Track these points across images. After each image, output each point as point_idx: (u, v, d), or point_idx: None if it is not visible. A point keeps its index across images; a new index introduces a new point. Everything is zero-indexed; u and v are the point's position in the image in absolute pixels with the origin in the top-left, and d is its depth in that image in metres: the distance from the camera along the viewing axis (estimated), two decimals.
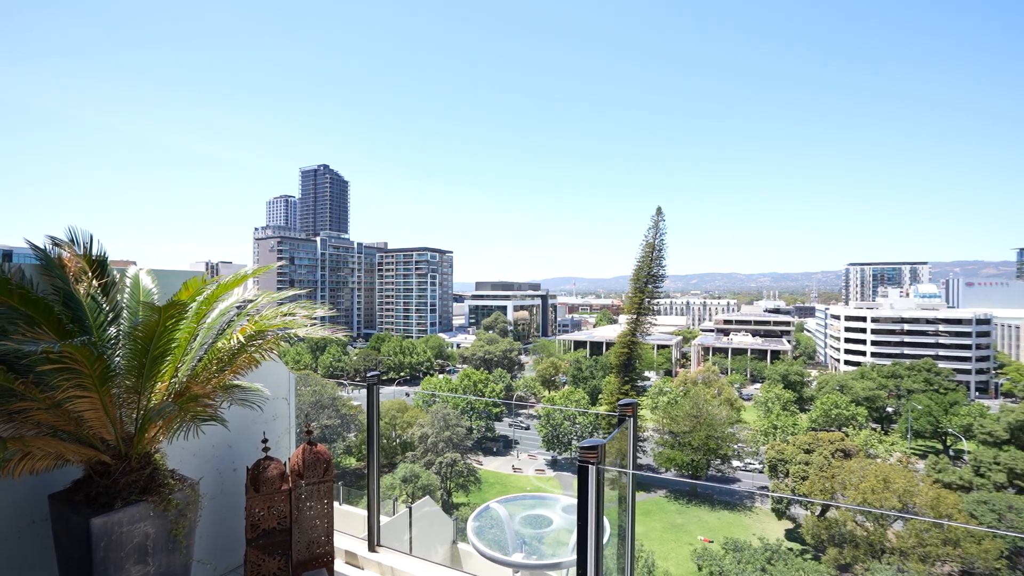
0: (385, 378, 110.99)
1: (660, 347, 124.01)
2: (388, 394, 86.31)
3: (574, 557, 2.79)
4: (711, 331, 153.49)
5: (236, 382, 3.39)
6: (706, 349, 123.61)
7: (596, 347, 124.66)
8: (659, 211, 59.07)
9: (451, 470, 49.02)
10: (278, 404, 4.67)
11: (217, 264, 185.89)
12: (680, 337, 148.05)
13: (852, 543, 35.03)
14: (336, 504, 5.62)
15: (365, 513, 5.16)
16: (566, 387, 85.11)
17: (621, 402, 3.27)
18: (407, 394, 77.83)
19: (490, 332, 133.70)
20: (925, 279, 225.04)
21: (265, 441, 3.87)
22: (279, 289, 3.97)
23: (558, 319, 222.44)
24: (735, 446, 54.69)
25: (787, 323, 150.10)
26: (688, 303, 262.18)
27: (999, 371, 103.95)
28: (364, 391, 5.22)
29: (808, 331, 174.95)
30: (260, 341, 3.32)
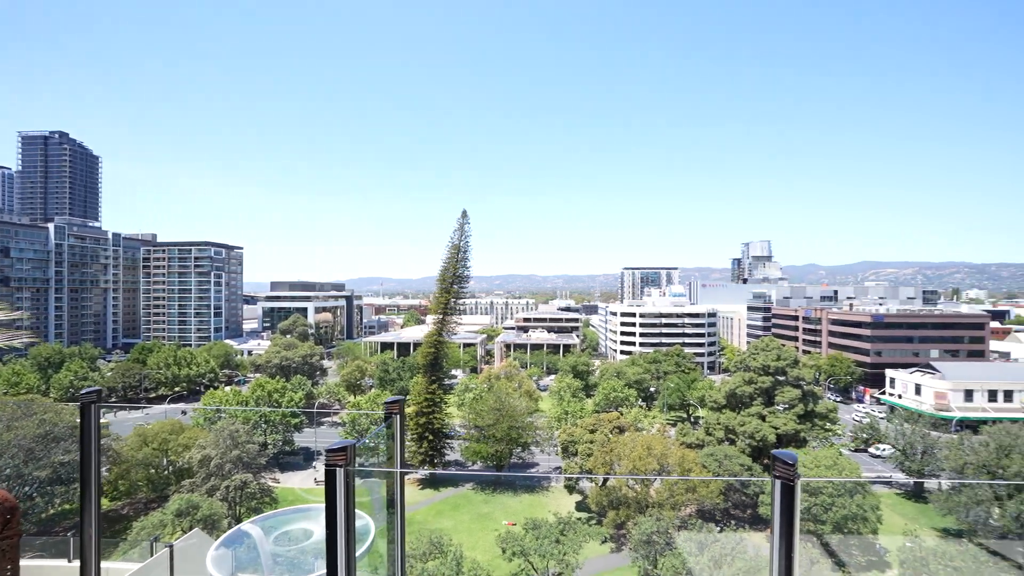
0: (154, 395, 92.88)
1: (466, 345, 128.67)
2: (158, 414, 72.38)
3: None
4: (512, 329, 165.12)
5: None
6: (508, 346, 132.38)
7: (404, 348, 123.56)
8: (464, 214, 61.13)
9: (241, 493, 43.37)
10: None
11: None
12: (485, 335, 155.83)
13: (626, 504, 41.05)
14: (48, 562, 4.36)
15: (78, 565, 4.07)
16: (372, 390, 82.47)
17: (387, 399, 3.17)
18: (184, 412, 66.32)
19: (288, 336, 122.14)
20: (676, 281, 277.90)
21: None
22: None
23: (365, 320, 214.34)
24: (534, 433, 59.59)
25: (576, 320, 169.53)
26: (492, 303, 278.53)
27: (721, 352, 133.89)
28: (134, 413, 4.15)
29: (593, 326, 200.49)
30: None
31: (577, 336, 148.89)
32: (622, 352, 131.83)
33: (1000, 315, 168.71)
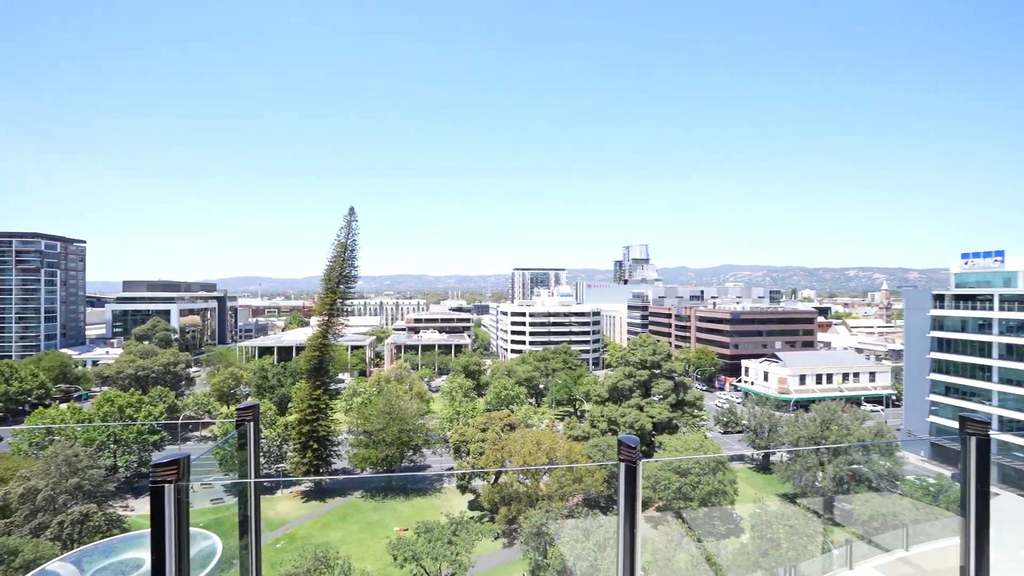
0: None
1: (354, 348, 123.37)
2: None
3: None
4: (403, 330, 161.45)
5: None
6: (399, 347, 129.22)
7: (286, 352, 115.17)
8: (352, 211, 58.51)
9: (82, 528, 37.34)
10: None
11: None
12: (374, 337, 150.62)
13: (517, 499, 41.96)
14: None
15: None
16: (249, 399, 75.71)
17: (239, 406, 2.86)
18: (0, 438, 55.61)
19: (146, 343, 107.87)
20: (563, 282, 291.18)
21: None
22: None
23: (240, 324, 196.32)
24: (426, 435, 58.69)
25: (468, 320, 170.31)
26: (382, 303, 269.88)
27: (605, 349, 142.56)
28: None
29: (484, 326, 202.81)
30: None
31: (469, 336, 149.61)
32: (513, 351, 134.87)
33: (824, 311, 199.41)
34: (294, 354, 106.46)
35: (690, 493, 41.91)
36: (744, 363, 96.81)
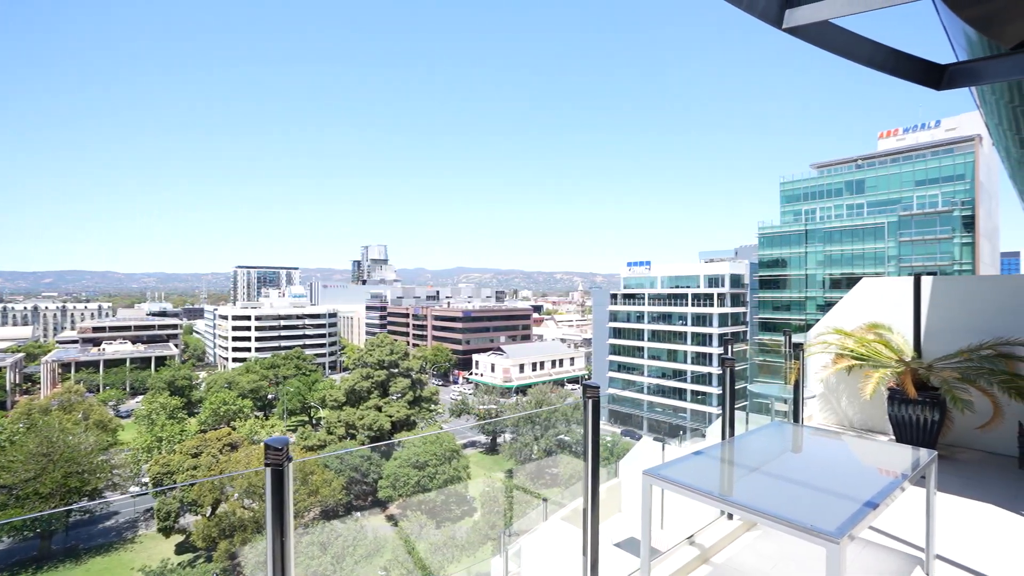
0: None
1: None
2: None
3: None
4: (74, 342, 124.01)
5: None
6: (66, 365, 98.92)
7: None
8: None
9: None
10: None
11: None
12: (22, 355, 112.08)
13: (242, 527, 36.85)
14: None
15: None
16: None
17: None
18: None
19: None
20: (296, 282, 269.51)
21: None
22: None
23: None
24: (109, 475, 46.40)
25: (176, 326, 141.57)
26: (37, 308, 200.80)
27: (342, 351, 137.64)
28: None
29: (198, 332, 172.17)
30: None
31: (176, 345, 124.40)
32: (236, 359, 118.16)
33: (538, 308, 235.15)
34: None
35: (428, 484, 43.92)
36: (475, 357, 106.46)
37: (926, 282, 6.30)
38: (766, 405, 6.93)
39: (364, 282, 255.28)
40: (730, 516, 3.90)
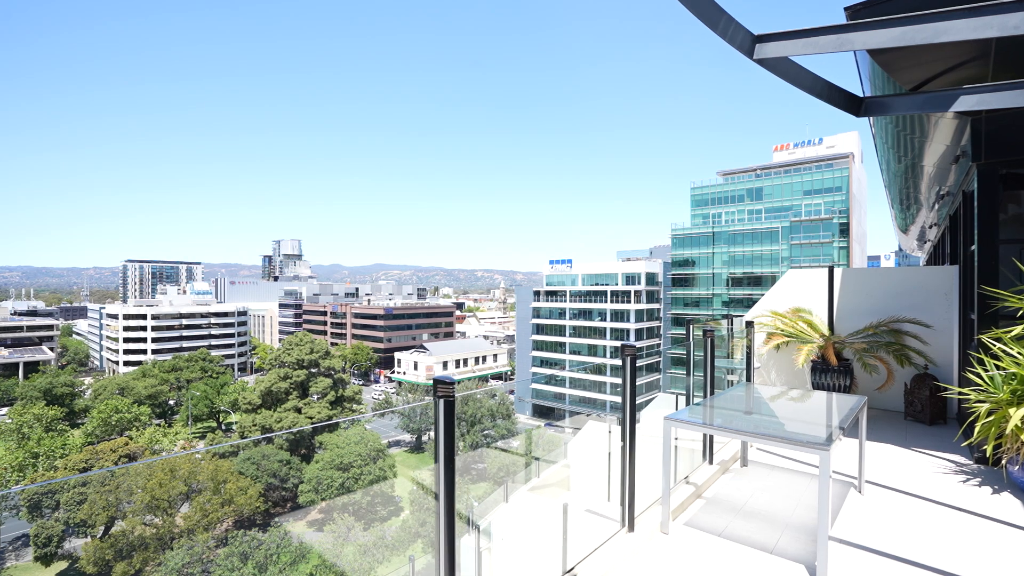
0: None
1: None
2: None
3: None
4: None
5: None
6: None
7: None
8: None
9: None
10: None
11: None
12: None
13: (143, 547, 33.83)
14: None
15: None
16: None
17: None
18: None
19: None
20: (199, 278, 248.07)
21: None
22: None
23: None
24: None
25: (51, 327, 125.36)
26: None
27: (253, 352, 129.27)
28: None
29: (79, 334, 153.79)
30: None
31: (51, 349, 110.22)
32: (128, 363, 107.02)
33: (460, 305, 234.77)
34: None
35: (353, 486, 42.74)
36: (397, 355, 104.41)
37: (837, 273, 7.58)
38: (720, 378, 7.95)
39: (276, 278, 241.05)
40: (711, 461, 4.63)
